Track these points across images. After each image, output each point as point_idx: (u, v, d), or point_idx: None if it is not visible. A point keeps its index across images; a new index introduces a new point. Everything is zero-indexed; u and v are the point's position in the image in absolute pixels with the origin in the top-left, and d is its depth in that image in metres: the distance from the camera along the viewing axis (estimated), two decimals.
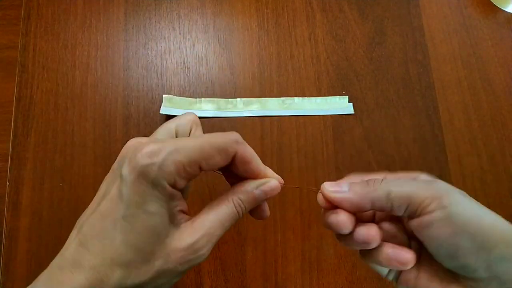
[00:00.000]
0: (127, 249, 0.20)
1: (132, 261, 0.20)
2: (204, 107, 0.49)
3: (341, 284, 0.44)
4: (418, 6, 0.55)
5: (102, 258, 0.20)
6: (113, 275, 0.20)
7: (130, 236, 0.20)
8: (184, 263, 0.22)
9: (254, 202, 0.25)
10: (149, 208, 0.20)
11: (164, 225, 0.21)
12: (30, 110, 0.48)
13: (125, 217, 0.20)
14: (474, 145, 0.49)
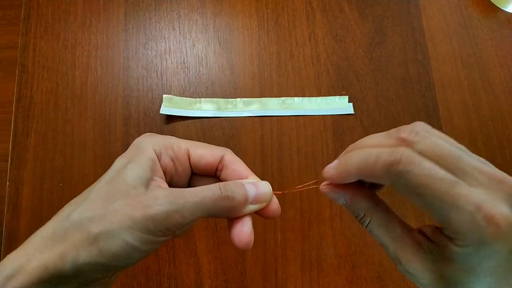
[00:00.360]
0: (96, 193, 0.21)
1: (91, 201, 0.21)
2: (204, 107, 0.49)
3: (341, 284, 0.44)
4: (418, 6, 0.55)
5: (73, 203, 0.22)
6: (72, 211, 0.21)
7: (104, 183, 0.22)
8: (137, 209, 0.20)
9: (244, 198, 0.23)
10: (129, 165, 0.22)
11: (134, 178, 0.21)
12: (30, 110, 0.48)
13: (110, 171, 0.22)
14: (474, 145, 0.49)
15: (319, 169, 0.47)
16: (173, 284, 0.43)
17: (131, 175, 0.21)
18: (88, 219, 0.20)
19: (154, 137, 0.24)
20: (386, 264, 0.44)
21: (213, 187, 0.22)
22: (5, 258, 0.20)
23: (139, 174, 0.22)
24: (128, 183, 0.21)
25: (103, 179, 0.22)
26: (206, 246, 0.44)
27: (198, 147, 0.25)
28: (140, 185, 0.21)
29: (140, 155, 0.23)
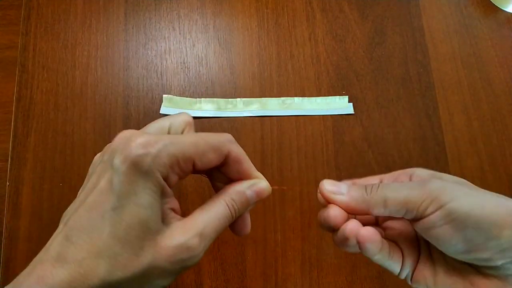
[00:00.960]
0: (115, 241, 0.19)
1: (119, 254, 0.19)
2: (204, 107, 0.49)
3: (341, 284, 0.44)
4: (418, 6, 0.55)
5: (87, 251, 0.19)
6: (98, 269, 0.19)
7: (118, 228, 0.19)
8: (175, 262, 0.20)
9: (246, 203, 0.24)
10: (140, 200, 0.20)
11: (155, 220, 0.20)
12: (30, 110, 0.48)
13: (114, 208, 0.19)
14: (474, 145, 0.49)
15: (319, 169, 0.47)
16: (173, 284, 0.43)
17: (149, 214, 0.20)
18: (126, 281, 0.19)
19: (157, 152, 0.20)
20: None
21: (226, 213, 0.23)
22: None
23: (156, 212, 0.20)
24: (149, 227, 0.20)
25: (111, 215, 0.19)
26: None
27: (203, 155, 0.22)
28: (161, 225, 0.21)
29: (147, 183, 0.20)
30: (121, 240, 0.19)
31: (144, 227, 0.20)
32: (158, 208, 0.20)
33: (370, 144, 0.48)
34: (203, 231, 0.22)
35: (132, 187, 0.19)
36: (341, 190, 0.24)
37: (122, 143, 0.20)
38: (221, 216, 0.23)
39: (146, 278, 0.20)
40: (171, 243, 0.20)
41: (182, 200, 0.45)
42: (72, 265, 0.19)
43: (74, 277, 0.19)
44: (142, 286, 0.20)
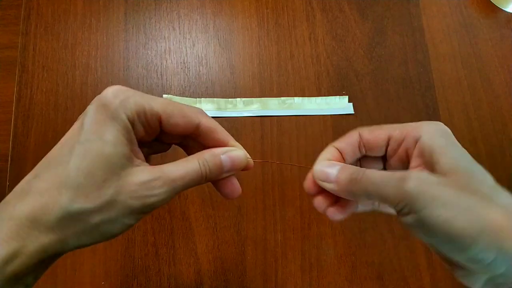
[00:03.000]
0: (78, 173, 0.20)
1: (82, 185, 0.20)
2: (204, 107, 0.49)
3: (341, 284, 0.44)
4: (418, 6, 0.55)
5: (52, 182, 0.20)
6: (60, 198, 0.19)
7: (83, 160, 0.20)
8: (136, 198, 0.21)
9: (220, 166, 0.24)
10: (106, 136, 0.21)
11: (119, 157, 0.21)
12: (30, 110, 0.48)
13: (81, 142, 0.20)
14: (474, 145, 0.49)
15: None
16: (173, 284, 0.43)
17: (113, 150, 0.21)
18: (88, 211, 0.20)
19: (124, 96, 0.22)
20: (386, 264, 0.44)
21: (195, 167, 0.23)
22: None
23: (121, 150, 0.21)
24: (113, 161, 0.21)
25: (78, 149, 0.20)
26: (206, 246, 0.44)
27: (171, 115, 0.23)
28: (125, 161, 0.21)
29: (113, 123, 0.21)
30: (84, 172, 0.20)
31: (108, 161, 0.20)
32: (123, 147, 0.21)
33: None
34: (168, 176, 0.22)
35: (99, 125, 0.21)
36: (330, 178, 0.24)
37: (98, 95, 0.22)
38: (190, 170, 0.23)
39: (108, 211, 0.20)
40: (134, 179, 0.21)
41: (182, 200, 0.45)
42: (34, 195, 0.19)
43: (36, 207, 0.19)
44: (104, 220, 0.20)
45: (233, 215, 0.45)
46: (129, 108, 0.21)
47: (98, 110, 0.21)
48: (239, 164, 0.25)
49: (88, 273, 0.43)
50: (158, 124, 0.23)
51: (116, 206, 0.20)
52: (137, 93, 0.22)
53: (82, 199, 0.20)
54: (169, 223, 0.44)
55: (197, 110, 0.24)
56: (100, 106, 0.21)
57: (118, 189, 0.20)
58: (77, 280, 0.42)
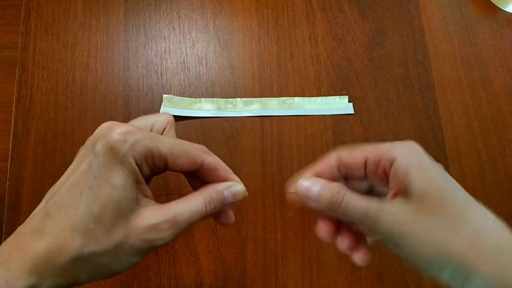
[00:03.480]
0: (89, 218, 0.21)
1: (93, 230, 0.21)
2: (204, 107, 0.49)
3: (341, 284, 0.44)
4: (418, 6, 0.55)
5: (64, 225, 0.21)
6: (73, 242, 0.21)
7: (93, 206, 0.21)
8: (144, 241, 0.22)
9: (223, 202, 0.26)
10: (114, 181, 0.21)
11: (128, 201, 0.22)
12: (30, 110, 0.48)
13: (91, 187, 0.21)
14: (474, 145, 0.49)
15: None
16: (173, 284, 0.43)
17: (122, 195, 0.22)
18: (98, 254, 0.21)
19: (132, 140, 0.22)
20: (386, 264, 0.44)
21: (201, 207, 0.24)
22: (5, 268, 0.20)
23: (129, 194, 0.22)
24: (122, 206, 0.22)
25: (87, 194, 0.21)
26: (206, 246, 0.44)
27: (176, 156, 0.24)
28: (133, 204, 0.22)
29: (122, 168, 0.22)
30: (95, 217, 0.21)
31: (117, 206, 0.21)
32: (131, 191, 0.22)
33: (370, 144, 0.48)
34: (174, 218, 0.23)
35: (108, 169, 0.21)
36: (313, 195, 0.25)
37: (104, 131, 0.22)
38: (195, 210, 0.24)
39: (117, 254, 0.22)
40: (142, 223, 0.22)
41: None
42: (49, 237, 0.21)
43: (51, 248, 0.20)
44: (113, 261, 0.22)
45: None
46: (138, 152, 0.22)
47: (107, 154, 0.22)
48: (239, 198, 0.26)
49: None
50: (164, 164, 0.24)
51: (124, 248, 0.22)
52: (145, 135, 0.23)
53: (93, 244, 0.21)
54: None
55: (201, 149, 0.25)
56: (109, 150, 0.22)
57: (127, 233, 0.22)
58: None
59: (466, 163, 0.48)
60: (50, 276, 0.21)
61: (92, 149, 0.22)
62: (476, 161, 0.48)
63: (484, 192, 0.47)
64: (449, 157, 0.48)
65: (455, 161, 0.48)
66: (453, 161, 0.48)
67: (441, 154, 0.49)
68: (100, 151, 0.22)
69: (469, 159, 0.48)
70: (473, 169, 0.48)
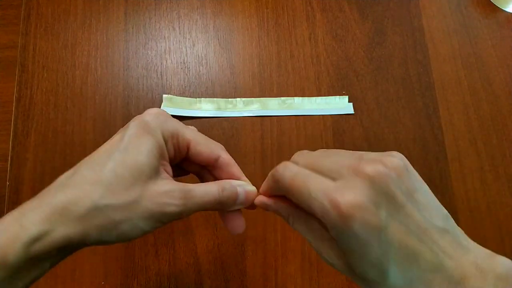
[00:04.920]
0: (112, 175, 0.23)
1: (112, 185, 0.22)
2: (204, 107, 0.49)
3: (341, 284, 0.44)
4: (418, 6, 0.55)
5: (87, 178, 0.23)
6: (93, 193, 0.22)
7: (119, 165, 0.23)
8: (156, 204, 0.23)
9: (234, 197, 0.27)
10: (141, 147, 0.23)
11: (149, 168, 0.24)
12: (30, 110, 0.48)
13: (120, 151, 0.23)
14: (474, 145, 0.49)
15: None
16: (173, 284, 0.43)
17: (146, 160, 0.23)
18: (112, 208, 0.22)
19: (163, 119, 0.25)
20: None
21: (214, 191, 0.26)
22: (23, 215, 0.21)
23: (152, 162, 0.24)
24: (143, 170, 0.23)
25: (116, 155, 0.23)
26: (206, 246, 0.44)
27: (198, 143, 0.26)
28: (154, 173, 0.24)
29: (150, 138, 0.24)
30: (118, 175, 0.23)
31: (139, 169, 0.23)
32: (154, 160, 0.24)
33: (370, 144, 0.48)
34: (188, 192, 0.25)
35: (138, 138, 0.24)
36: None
37: (139, 115, 0.25)
38: (209, 192, 0.25)
39: (130, 211, 0.23)
40: (158, 188, 0.24)
41: None
42: (71, 189, 0.22)
43: (69, 199, 0.22)
44: (125, 220, 0.23)
45: None
46: (166, 128, 0.25)
47: (139, 125, 0.24)
48: (250, 199, 0.27)
49: (88, 273, 0.43)
50: (186, 149, 0.26)
51: (138, 207, 0.23)
52: (174, 119, 0.26)
53: (110, 196, 0.22)
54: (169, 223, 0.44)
55: (219, 145, 0.27)
56: (142, 122, 0.24)
57: (142, 193, 0.23)
58: (77, 280, 0.42)
59: (466, 163, 0.48)
60: (62, 225, 0.21)
61: (127, 126, 0.25)
62: (476, 161, 0.48)
63: (484, 192, 0.47)
64: (449, 157, 0.48)
65: (455, 161, 0.48)
66: (453, 161, 0.48)
67: (441, 154, 0.49)
68: (133, 125, 0.24)
69: (469, 159, 0.48)
70: (473, 169, 0.48)
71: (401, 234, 0.20)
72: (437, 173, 0.47)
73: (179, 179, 0.27)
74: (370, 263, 0.20)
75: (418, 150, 0.49)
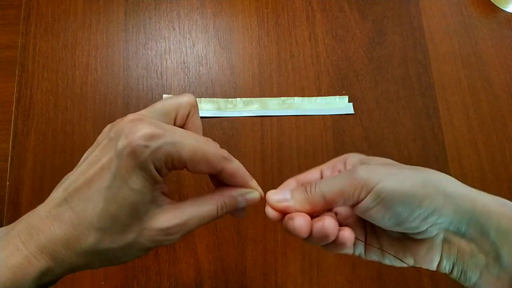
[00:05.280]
0: (106, 217, 0.22)
1: (109, 228, 0.22)
2: (204, 107, 0.49)
3: (341, 284, 0.44)
4: (418, 6, 0.55)
5: (82, 219, 0.22)
6: (89, 237, 0.22)
7: (111, 206, 0.22)
8: (153, 242, 0.24)
9: (235, 207, 0.27)
10: (133, 185, 0.22)
11: (144, 204, 0.23)
12: (30, 110, 0.48)
13: (110, 187, 0.22)
14: (474, 145, 0.49)
15: None
16: (173, 284, 0.43)
17: (139, 199, 0.23)
18: (111, 250, 0.23)
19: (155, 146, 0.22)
20: (386, 264, 0.44)
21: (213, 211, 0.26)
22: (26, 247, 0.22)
23: (145, 198, 0.23)
24: (138, 208, 0.23)
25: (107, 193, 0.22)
26: (206, 246, 0.44)
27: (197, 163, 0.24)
28: (149, 207, 0.24)
29: (141, 174, 0.22)
30: (112, 216, 0.22)
31: (133, 209, 0.23)
32: (148, 194, 0.23)
33: (370, 144, 0.48)
34: (186, 222, 0.24)
35: (128, 172, 0.22)
36: (286, 197, 0.27)
37: (130, 127, 0.22)
38: (207, 215, 0.25)
39: (128, 250, 0.23)
40: (155, 225, 0.24)
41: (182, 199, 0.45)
42: (68, 226, 0.22)
43: (68, 236, 0.22)
44: (124, 255, 0.24)
45: None
46: (158, 159, 0.22)
47: (128, 157, 0.22)
48: (252, 203, 0.28)
49: (88, 273, 0.43)
50: (183, 167, 0.24)
51: (135, 246, 0.24)
52: (168, 139, 0.22)
53: (108, 241, 0.22)
54: None
55: (221, 155, 0.25)
56: (131, 153, 0.22)
57: (139, 233, 0.23)
58: (77, 280, 0.42)
59: (466, 163, 0.48)
60: (65, 262, 0.22)
61: (115, 145, 0.22)
62: (476, 161, 0.48)
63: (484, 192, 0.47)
64: (449, 157, 0.48)
65: (455, 161, 0.48)
66: (453, 161, 0.48)
67: (441, 154, 0.49)
68: (122, 151, 0.22)
69: (469, 159, 0.48)
70: (473, 169, 0.48)
71: None
72: None
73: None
74: None
75: (418, 150, 0.49)
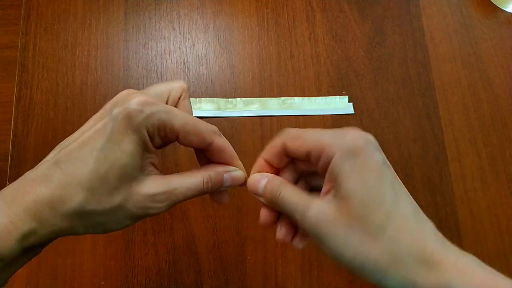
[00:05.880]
0: (96, 177, 0.22)
1: (96, 189, 0.22)
2: (204, 107, 0.49)
3: (341, 284, 0.44)
4: (418, 6, 0.55)
5: (71, 178, 0.22)
6: (76, 197, 0.22)
7: (101, 167, 0.22)
8: (140, 208, 0.24)
9: (220, 184, 0.27)
10: (125, 147, 0.22)
11: (133, 168, 0.23)
12: (30, 110, 0.48)
13: (102, 149, 0.22)
14: (474, 145, 0.49)
15: None
16: (173, 284, 0.43)
17: (130, 161, 0.23)
18: (97, 213, 0.23)
19: (149, 111, 0.23)
20: None
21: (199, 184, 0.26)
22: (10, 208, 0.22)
23: (136, 162, 0.23)
24: (127, 172, 0.23)
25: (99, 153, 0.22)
26: (206, 246, 0.44)
27: (188, 133, 0.24)
28: (138, 172, 0.24)
29: (135, 136, 0.23)
30: (101, 177, 0.22)
31: (123, 171, 0.23)
32: (138, 159, 0.23)
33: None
34: (173, 191, 0.24)
35: (121, 135, 0.22)
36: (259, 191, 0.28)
37: (124, 97, 0.23)
38: (193, 187, 0.25)
39: (113, 215, 0.23)
40: (142, 191, 0.24)
41: None
42: (55, 186, 0.22)
43: (55, 197, 0.22)
44: (109, 220, 0.23)
45: (233, 215, 0.45)
46: (152, 123, 0.23)
47: (123, 120, 0.22)
48: (237, 183, 0.28)
49: (88, 273, 0.43)
50: (175, 138, 0.25)
51: (121, 211, 0.23)
52: (161, 107, 0.23)
53: (95, 202, 0.22)
54: (169, 223, 0.44)
55: (212, 129, 0.26)
56: (125, 116, 0.22)
57: (127, 197, 0.23)
58: (77, 280, 0.42)
59: (466, 163, 0.48)
60: (49, 223, 0.22)
61: (110, 112, 0.23)
62: (476, 161, 0.48)
63: (484, 192, 0.47)
64: (449, 157, 0.48)
65: (455, 161, 0.48)
66: (453, 161, 0.48)
67: (441, 154, 0.49)
68: (117, 115, 0.22)
69: (469, 159, 0.48)
70: (473, 169, 0.48)
71: None
72: (437, 173, 0.47)
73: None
74: None
75: (418, 150, 0.49)
